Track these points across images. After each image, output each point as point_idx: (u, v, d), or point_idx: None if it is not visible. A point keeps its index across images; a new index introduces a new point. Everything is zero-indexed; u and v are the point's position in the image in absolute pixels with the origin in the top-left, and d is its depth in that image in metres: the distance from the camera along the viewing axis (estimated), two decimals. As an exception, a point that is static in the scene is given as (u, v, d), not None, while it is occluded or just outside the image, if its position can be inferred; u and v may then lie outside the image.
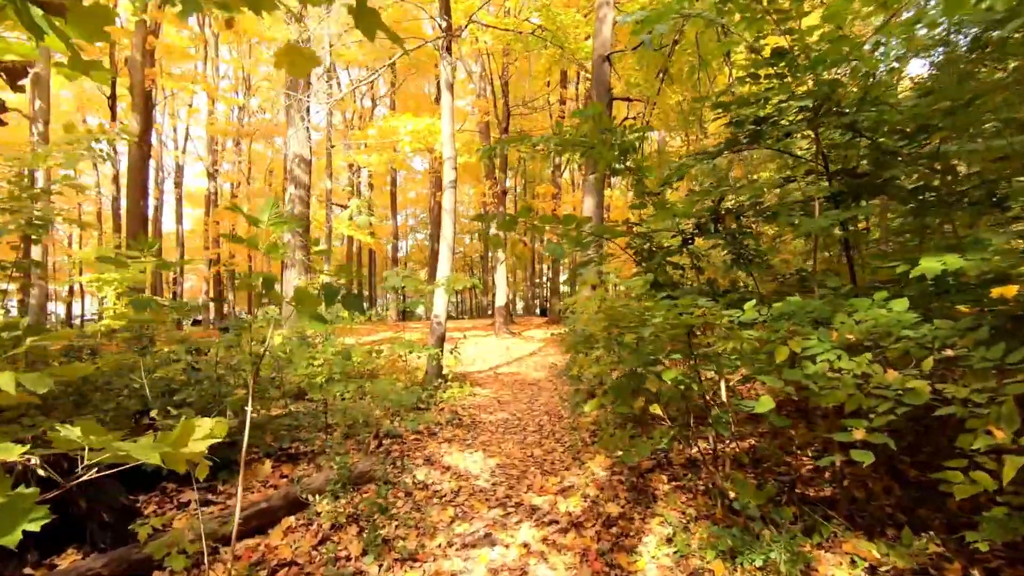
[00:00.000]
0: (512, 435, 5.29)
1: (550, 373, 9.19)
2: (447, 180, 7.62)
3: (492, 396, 7.21)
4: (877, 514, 3.14)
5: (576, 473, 4.04)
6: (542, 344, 13.06)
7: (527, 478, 4.03)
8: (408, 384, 6.87)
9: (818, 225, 2.75)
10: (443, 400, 6.61)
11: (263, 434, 4.43)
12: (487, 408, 6.45)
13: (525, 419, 5.91)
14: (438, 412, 6.09)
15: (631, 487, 3.66)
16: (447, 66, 7.37)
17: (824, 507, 3.31)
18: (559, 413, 6.06)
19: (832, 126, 2.96)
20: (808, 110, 2.94)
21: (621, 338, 3.05)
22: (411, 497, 3.64)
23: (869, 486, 3.49)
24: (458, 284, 7.10)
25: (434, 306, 7.43)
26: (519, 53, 13.86)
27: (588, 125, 2.84)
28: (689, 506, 3.38)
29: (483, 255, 30.51)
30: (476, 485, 3.87)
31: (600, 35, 8.38)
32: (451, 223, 7.63)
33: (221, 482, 3.86)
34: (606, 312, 4.01)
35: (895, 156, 3.05)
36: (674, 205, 2.87)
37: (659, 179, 3.60)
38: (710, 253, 4.18)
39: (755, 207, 3.14)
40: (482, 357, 11.25)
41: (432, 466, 4.31)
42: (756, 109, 3.18)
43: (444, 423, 5.62)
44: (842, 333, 2.45)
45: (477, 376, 8.96)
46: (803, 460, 4.24)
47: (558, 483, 3.88)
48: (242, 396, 4.14)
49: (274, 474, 4.15)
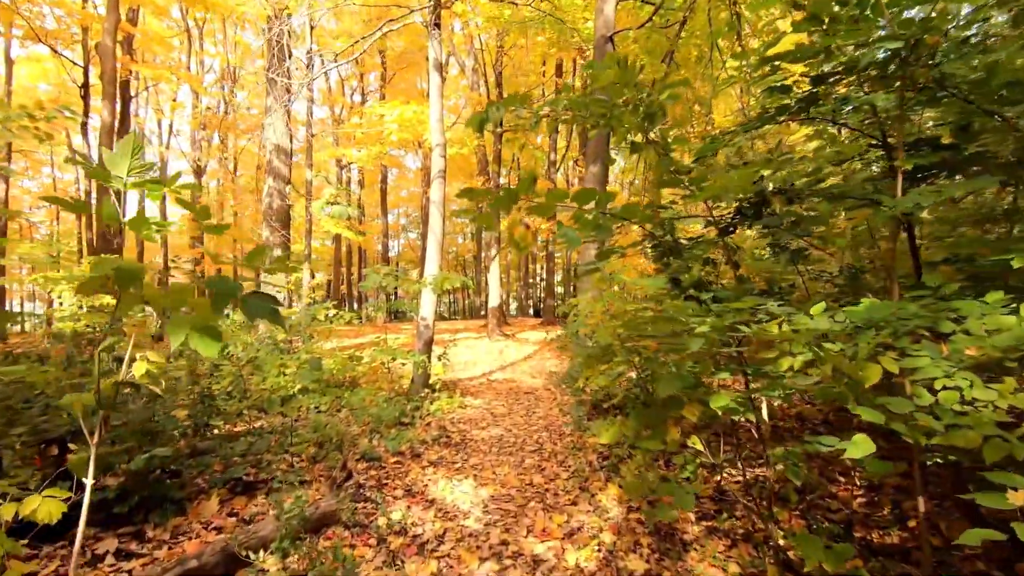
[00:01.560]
0: (507, 456, 4.61)
1: (548, 380, 8.53)
2: (435, 170, 6.94)
3: (485, 407, 6.53)
4: (967, 572, 2.51)
5: (585, 509, 3.37)
6: (537, 347, 12.40)
7: (526, 515, 3.36)
8: (391, 395, 6.18)
9: (906, 206, 2.11)
10: (430, 413, 5.92)
11: (212, 461, 3.72)
12: (479, 422, 5.78)
13: (522, 436, 5.24)
14: (424, 428, 5.40)
15: (654, 530, 3.00)
16: (435, 43, 6.68)
17: (898, 560, 2.67)
18: (560, 428, 5.40)
19: (919, 82, 2.32)
20: (893, 58, 2.30)
21: (646, 351, 2.38)
22: (385, 545, 2.95)
23: (944, 531, 2.86)
24: (447, 283, 6.42)
25: (420, 307, 6.74)
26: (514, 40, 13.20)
27: (609, 75, 2.18)
28: (729, 558, 2.72)
29: (476, 255, 29.82)
30: (465, 527, 3.20)
31: (602, 14, 7.75)
32: (439, 217, 6.94)
33: (153, 525, 3.15)
34: (621, 317, 3.33)
35: (993, 120, 2.41)
36: (726, 177, 2.21)
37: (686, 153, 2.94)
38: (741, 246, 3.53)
39: (814, 185, 2.50)
40: (474, 362, 10.57)
41: (413, 499, 3.62)
42: (818, 64, 2.54)
43: (430, 441, 4.94)
44: (959, 348, 1.80)
45: (468, 384, 8.28)
46: (849, 487, 3.61)
47: (564, 523, 3.22)
48: (183, 416, 3.44)
49: (222, 511, 3.44)
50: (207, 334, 1.07)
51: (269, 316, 1.11)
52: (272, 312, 1.11)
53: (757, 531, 2.97)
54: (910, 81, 2.29)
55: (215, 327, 1.08)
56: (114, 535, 2.97)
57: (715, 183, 2.09)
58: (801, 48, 2.40)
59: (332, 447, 4.60)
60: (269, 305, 1.11)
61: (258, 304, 1.11)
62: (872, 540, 2.90)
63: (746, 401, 2.17)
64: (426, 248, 7.25)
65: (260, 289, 1.30)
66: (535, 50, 14.29)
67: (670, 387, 1.99)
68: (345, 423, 5.34)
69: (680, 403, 2.21)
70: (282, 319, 1.15)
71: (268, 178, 10.32)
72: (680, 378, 2.00)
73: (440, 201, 6.92)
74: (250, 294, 1.13)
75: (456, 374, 9.23)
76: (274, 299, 1.14)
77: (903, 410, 1.72)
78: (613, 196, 2.00)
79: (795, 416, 4.56)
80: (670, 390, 1.99)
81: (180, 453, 3.67)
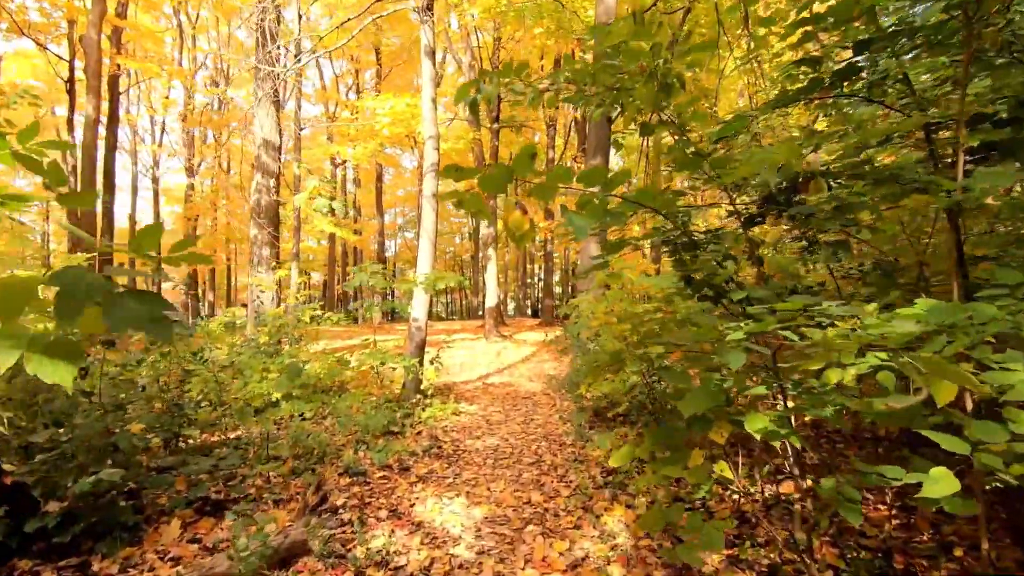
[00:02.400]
0: (504, 470, 4.26)
1: (546, 384, 8.17)
2: (428, 163, 6.58)
3: (480, 414, 6.17)
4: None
5: (590, 534, 3.02)
6: (536, 348, 12.05)
7: (524, 540, 3.01)
8: (381, 401, 5.82)
9: (981, 186, 1.77)
10: (422, 421, 5.56)
11: (174, 479, 3.36)
12: (474, 431, 5.42)
13: (519, 446, 4.89)
14: (414, 438, 5.04)
15: (668, 560, 2.65)
16: (427, 29, 6.33)
17: (952, 601, 2.32)
18: (560, 438, 5.04)
19: (986, 44, 1.97)
20: (949, 20, 1.96)
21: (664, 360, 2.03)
22: (362, 580, 2.60)
23: (995, 559, 2.51)
24: (441, 282, 6.07)
25: (413, 308, 6.38)
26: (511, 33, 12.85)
27: (621, 32, 1.83)
28: (756, 597, 2.37)
29: (474, 255, 29.46)
30: (455, 556, 2.84)
31: (603, 2, 7.41)
32: (432, 212, 6.58)
33: (100, 556, 2.78)
34: (629, 320, 2.98)
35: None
36: (765, 152, 1.86)
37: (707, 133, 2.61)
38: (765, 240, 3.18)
39: (860, 167, 2.15)
40: (470, 364, 10.21)
41: (399, 522, 3.26)
42: (859, 30, 2.19)
43: (420, 453, 4.58)
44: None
45: (464, 388, 7.92)
46: (876, 505, 3.27)
47: (566, 550, 2.86)
48: (138, 431, 3.07)
49: (184, 536, 3.07)
50: (54, 354, 0.70)
51: (146, 325, 0.75)
52: (153, 321, 0.75)
53: (786, 562, 2.62)
54: (976, 42, 1.95)
55: (68, 343, 0.72)
56: (53, 569, 2.61)
57: (752, 159, 1.74)
58: (842, 2, 2.05)
59: (314, 460, 4.24)
60: (149, 310, 0.75)
61: (131, 308, 0.74)
62: (914, 570, 2.55)
63: (785, 422, 1.82)
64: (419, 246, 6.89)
65: (164, 285, 0.96)
66: (533, 43, 13.96)
67: (698, 404, 1.65)
68: (330, 432, 4.98)
69: (707, 423, 1.86)
70: (168, 329, 0.79)
71: (256, 174, 9.95)
72: (710, 395, 1.65)
73: (432, 196, 6.55)
74: (121, 294, 0.76)
75: (451, 377, 8.87)
76: (159, 301, 0.77)
77: (995, 439, 1.37)
78: (628, 175, 1.65)
79: (809, 424, 4.22)
80: (698, 408, 1.64)
81: (140, 471, 3.31)
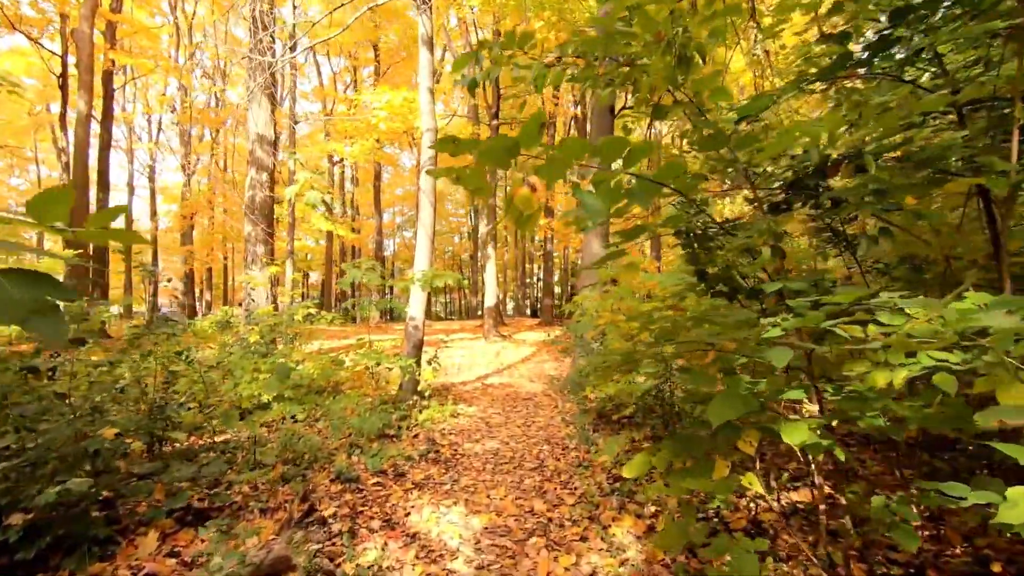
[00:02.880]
0: (504, 475, 4.05)
1: (547, 384, 7.97)
2: (425, 157, 6.37)
3: (479, 416, 5.96)
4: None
5: (597, 547, 2.81)
6: (536, 348, 11.85)
7: (527, 555, 2.80)
8: (377, 402, 5.60)
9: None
10: (418, 424, 5.35)
11: (153, 487, 3.14)
12: (472, 434, 5.21)
13: (520, 450, 4.68)
14: (411, 441, 4.83)
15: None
16: (424, 17, 6.12)
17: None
18: (563, 441, 4.83)
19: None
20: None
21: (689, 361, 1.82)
22: (351, 599, 2.39)
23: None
24: (438, 280, 5.85)
25: (410, 306, 6.17)
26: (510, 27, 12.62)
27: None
28: (783, 620, 2.17)
29: (473, 254, 29.24)
30: (452, 571, 2.63)
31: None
32: (430, 207, 6.37)
33: (67, 573, 2.57)
34: (639, 318, 2.77)
35: None
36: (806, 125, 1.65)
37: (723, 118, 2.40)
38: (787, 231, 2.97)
39: (902, 147, 1.94)
40: (469, 364, 10.00)
41: (392, 533, 3.05)
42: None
43: (417, 457, 4.36)
44: None
45: (462, 389, 7.70)
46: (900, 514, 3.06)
47: (572, 565, 2.66)
48: (111, 436, 2.86)
49: (162, 549, 2.86)
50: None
51: (27, 317, 0.53)
52: (36, 312, 0.53)
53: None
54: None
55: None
56: (11, 588, 2.39)
57: (788, 133, 1.53)
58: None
59: (305, 465, 4.03)
60: (33, 296, 0.53)
61: (5, 293, 0.53)
62: (953, 591, 2.34)
63: (826, 431, 1.61)
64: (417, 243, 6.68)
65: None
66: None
67: (729, 411, 1.44)
68: (322, 436, 4.77)
69: (735, 431, 1.65)
70: (58, 323, 0.57)
71: (251, 169, 9.73)
72: (743, 400, 1.44)
73: (430, 191, 6.34)
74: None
75: (450, 378, 8.66)
76: (49, 282, 0.56)
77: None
78: (652, 148, 1.44)
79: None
80: (729, 415, 1.43)
81: (116, 478, 3.09)
